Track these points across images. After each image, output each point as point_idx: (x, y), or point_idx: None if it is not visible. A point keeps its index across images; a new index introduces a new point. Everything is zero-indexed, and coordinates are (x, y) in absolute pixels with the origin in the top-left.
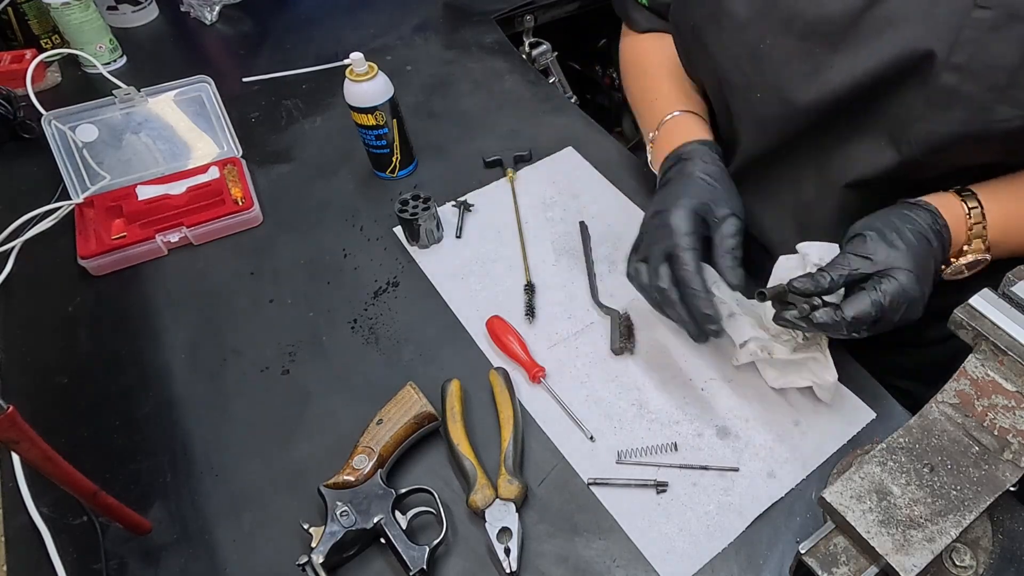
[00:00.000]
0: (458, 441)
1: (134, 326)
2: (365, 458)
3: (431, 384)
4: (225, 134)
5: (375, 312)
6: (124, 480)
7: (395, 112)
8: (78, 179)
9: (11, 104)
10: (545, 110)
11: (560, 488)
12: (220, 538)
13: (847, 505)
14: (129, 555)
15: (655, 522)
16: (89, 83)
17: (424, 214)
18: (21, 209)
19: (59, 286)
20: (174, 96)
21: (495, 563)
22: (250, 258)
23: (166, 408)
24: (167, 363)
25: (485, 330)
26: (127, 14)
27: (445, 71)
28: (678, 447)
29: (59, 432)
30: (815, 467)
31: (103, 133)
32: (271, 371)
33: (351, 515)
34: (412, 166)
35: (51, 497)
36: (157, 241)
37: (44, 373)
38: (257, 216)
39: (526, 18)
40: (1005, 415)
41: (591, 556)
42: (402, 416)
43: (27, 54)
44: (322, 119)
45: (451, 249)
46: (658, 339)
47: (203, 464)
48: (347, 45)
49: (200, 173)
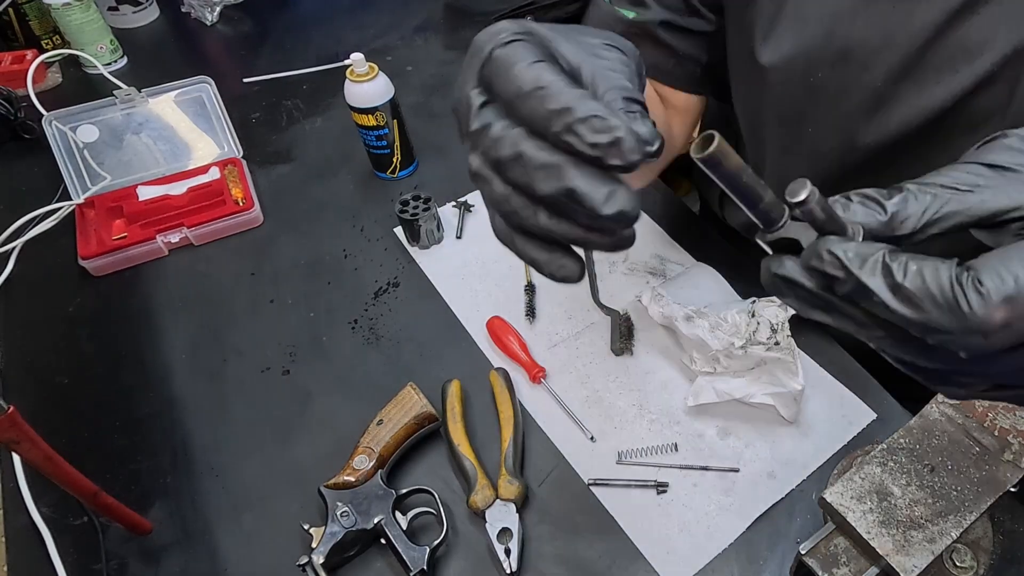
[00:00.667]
0: (458, 441)
1: (135, 326)
2: (365, 458)
3: (431, 384)
4: (226, 134)
5: (375, 312)
6: (124, 480)
7: (396, 112)
8: (79, 179)
9: (12, 104)
10: None
11: (560, 488)
12: (220, 538)
13: (847, 506)
14: (129, 555)
15: (655, 523)
16: (90, 84)
17: (424, 214)
18: (22, 210)
19: (60, 287)
20: (175, 96)
21: (495, 564)
22: (250, 258)
23: (166, 408)
24: (168, 363)
25: (485, 330)
26: (128, 15)
27: (445, 71)
28: (678, 448)
29: (59, 432)
30: (815, 468)
31: (104, 133)
32: (271, 371)
33: (351, 515)
34: (413, 167)
35: (51, 497)
36: (158, 241)
37: (45, 373)
38: (258, 216)
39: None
40: (1005, 416)
41: (591, 557)
42: (402, 416)
43: (28, 54)
44: (323, 119)
45: (451, 249)
46: (658, 339)
47: (203, 464)
48: (347, 45)
49: (201, 173)
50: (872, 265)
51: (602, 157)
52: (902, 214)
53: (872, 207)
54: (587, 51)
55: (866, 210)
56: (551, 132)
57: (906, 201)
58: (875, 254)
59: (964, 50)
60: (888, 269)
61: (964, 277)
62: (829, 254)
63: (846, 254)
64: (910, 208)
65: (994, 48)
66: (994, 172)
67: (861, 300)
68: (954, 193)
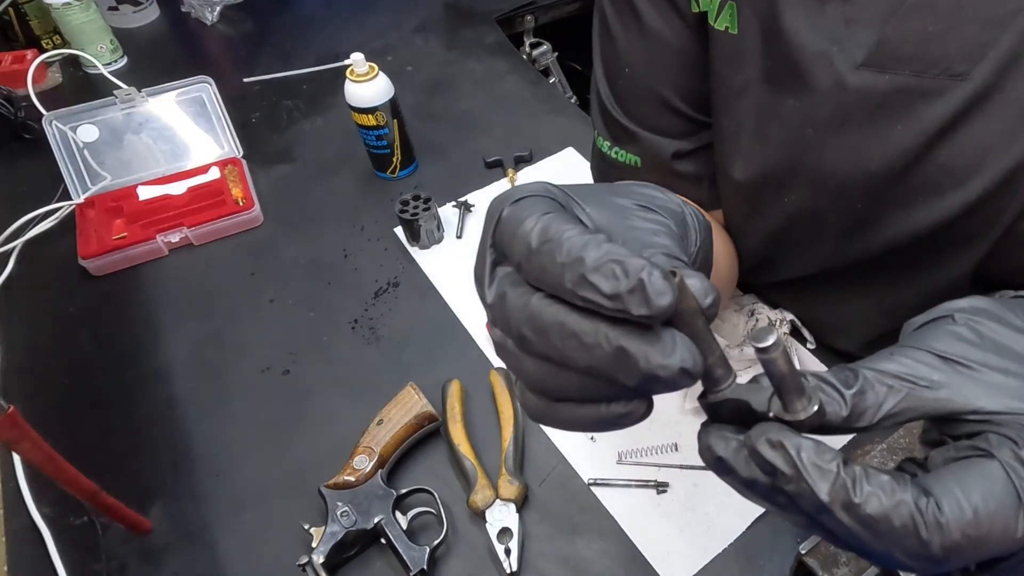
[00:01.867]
0: (458, 441)
1: (135, 326)
2: (365, 458)
3: (431, 384)
4: (226, 134)
5: (376, 312)
6: (124, 480)
7: (395, 112)
8: (79, 179)
9: (12, 104)
10: (545, 110)
11: (560, 488)
12: (220, 538)
13: None
14: (129, 555)
15: (655, 522)
16: (90, 83)
17: (425, 214)
18: (22, 209)
19: (60, 286)
20: (175, 96)
21: (495, 563)
22: (250, 258)
23: (166, 408)
24: (168, 363)
25: (485, 330)
26: (128, 14)
27: (445, 71)
28: (679, 447)
29: (60, 432)
30: None
31: (104, 133)
32: (271, 371)
33: (351, 515)
34: (413, 166)
35: (52, 497)
36: (158, 241)
37: (45, 373)
38: (258, 216)
39: (526, 18)
40: None
41: (591, 556)
42: (402, 416)
43: (28, 54)
44: (323, 119)
45: (452, 249)
46: None
47: (203, 464)
48: (347, 45)
49: (201, 173)
50: (825, 475)
51: (625, 309)
52: (859, 407)
53: (833, 397)
54: (617, 213)
55: (827, 398)
56: (566, 291)
57: (863, 394)
58: (830, 464)
59: (949, 174)
60: (843, 484)
61: (923, 503)
62: (780, 447)
63: (799, 454)
64: (867, 401)
65: (983, 173)
66: (947, 366)
67: (805, 503)
68: (911, 388)
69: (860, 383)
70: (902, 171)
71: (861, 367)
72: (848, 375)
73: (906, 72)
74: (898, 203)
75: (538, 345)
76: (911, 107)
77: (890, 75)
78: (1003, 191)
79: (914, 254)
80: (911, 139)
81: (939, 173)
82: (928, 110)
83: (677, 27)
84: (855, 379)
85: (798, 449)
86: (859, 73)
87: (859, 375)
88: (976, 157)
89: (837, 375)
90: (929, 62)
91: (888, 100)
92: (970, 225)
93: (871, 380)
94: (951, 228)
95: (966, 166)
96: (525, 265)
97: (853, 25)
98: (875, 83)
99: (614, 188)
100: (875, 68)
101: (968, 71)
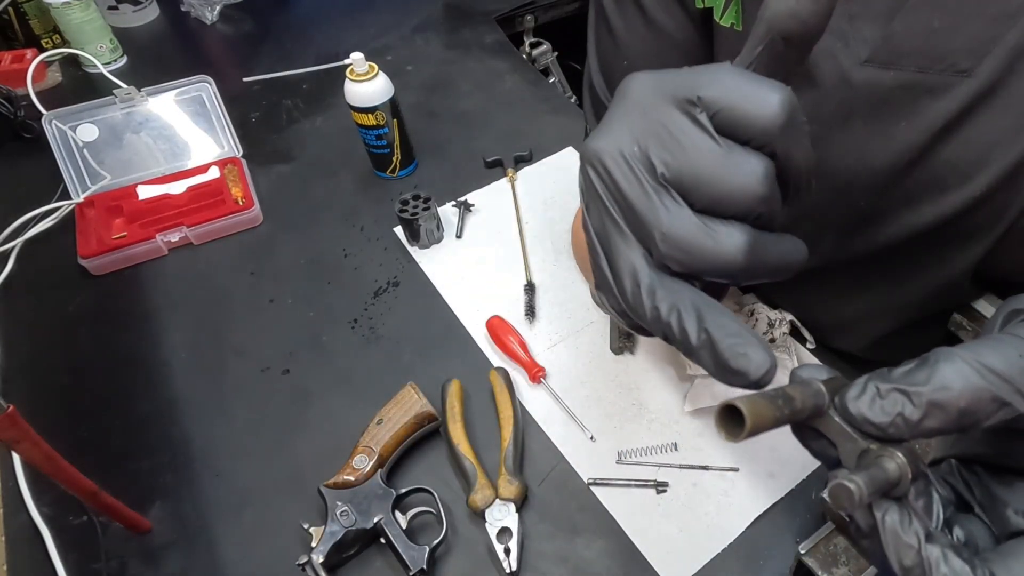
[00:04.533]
0: (458, 441)
1: (134, 326)
2: (365, 458)
3: (431, 384)
4: (225, 134)
5: (375, 312)
6: (124, 480)
7: (395, 112)
8: (78, 179)
9: (12, 104)
10: (545, 110)
11: (560, 488)
12: (220, 538)
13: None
14: (129, 555)
15: (655, 522)
16: (90, 83)
17: (424, 214)
18: (21, 209)
19: (59, 286)
20: (174, 96)
21: (495, 563)
22: (250, 258)
23: (166, 408)
24: (167, 363)
25: (485, 330)
26: (127, 14)
27: (445, 71)
28: (678, 447)
29: (59, 432)
30: (815, 467)
31: (104, 133)
32: (271, 371)
33: (351, 515)
34: (412, 166)
35: (51, 497)
36: (157, 241)
37: (44, 373)
38: (257, 216)
39: (526, 18)
40: None
41: (591, 556)
42: (402, 416)
43: (28, 54)
44: (322, 119)
45: (451, 249)
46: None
47: (203, 464)
48: (347, 45)
49: (200, 173)
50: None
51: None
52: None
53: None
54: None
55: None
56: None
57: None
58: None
59: (953, 170)
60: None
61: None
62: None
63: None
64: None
65: (987, 169)
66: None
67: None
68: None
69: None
70: (906, 167)
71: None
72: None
73: (911, 68)
74: (901, 199)
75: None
76: (916, 103)
77: (895, 71)
78: (1008, 186)
79: (916, 251)
80: (916, 135)
81: (943, 169)
82: (933, 106)
83: (681, 21)
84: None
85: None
86: (864, 69)
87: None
88: (981, 153)
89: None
90: (934, 58)
91: (893, 96)
92: (973, 221)
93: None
94: (954, 224)
95: (971, 162)
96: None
97: (858, 21)
98: (880, 79)
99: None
100: (880, 64)
101: (973, 67)
